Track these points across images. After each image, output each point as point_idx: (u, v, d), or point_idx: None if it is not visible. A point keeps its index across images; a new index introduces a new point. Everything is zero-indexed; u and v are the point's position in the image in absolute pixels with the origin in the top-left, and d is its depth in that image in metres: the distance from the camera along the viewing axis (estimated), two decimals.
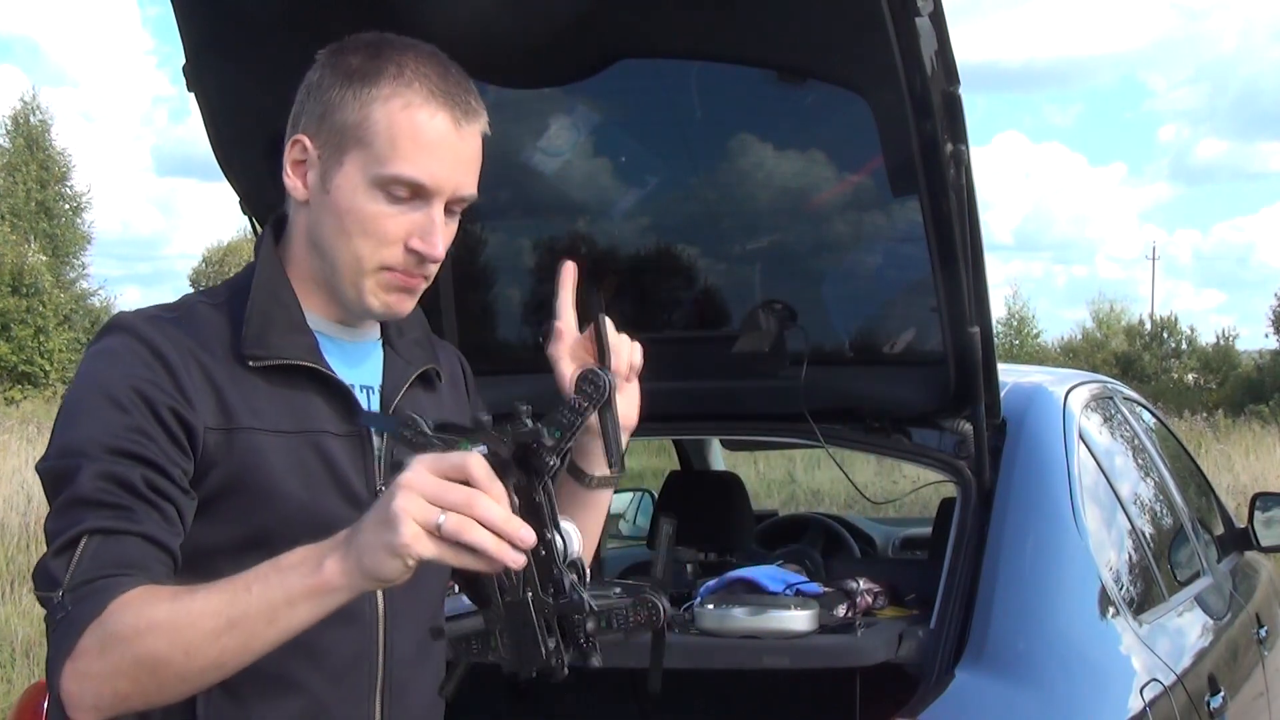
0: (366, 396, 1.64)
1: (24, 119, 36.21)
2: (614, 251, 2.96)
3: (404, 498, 1.22)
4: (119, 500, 1.42)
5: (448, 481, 1.22)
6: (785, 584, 2.62)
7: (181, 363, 1.50)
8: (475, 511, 1.21)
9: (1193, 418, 22.48)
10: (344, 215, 1.54)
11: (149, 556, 1.42)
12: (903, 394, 2.70)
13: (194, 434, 1.48)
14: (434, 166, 1.52)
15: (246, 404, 1.53)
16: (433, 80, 1.53)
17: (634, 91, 2.59)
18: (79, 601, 1.37)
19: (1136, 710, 2.31)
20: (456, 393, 1.81)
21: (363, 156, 1.53)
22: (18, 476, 11.52)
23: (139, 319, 1.55)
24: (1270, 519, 3.98)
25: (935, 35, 2.07)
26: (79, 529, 1.41)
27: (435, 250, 1.54)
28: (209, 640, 1.32)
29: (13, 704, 2.45)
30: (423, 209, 1.53)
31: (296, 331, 1.58)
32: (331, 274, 1.58)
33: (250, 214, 2.81)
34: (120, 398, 1.47)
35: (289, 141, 1.61)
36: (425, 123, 1.51)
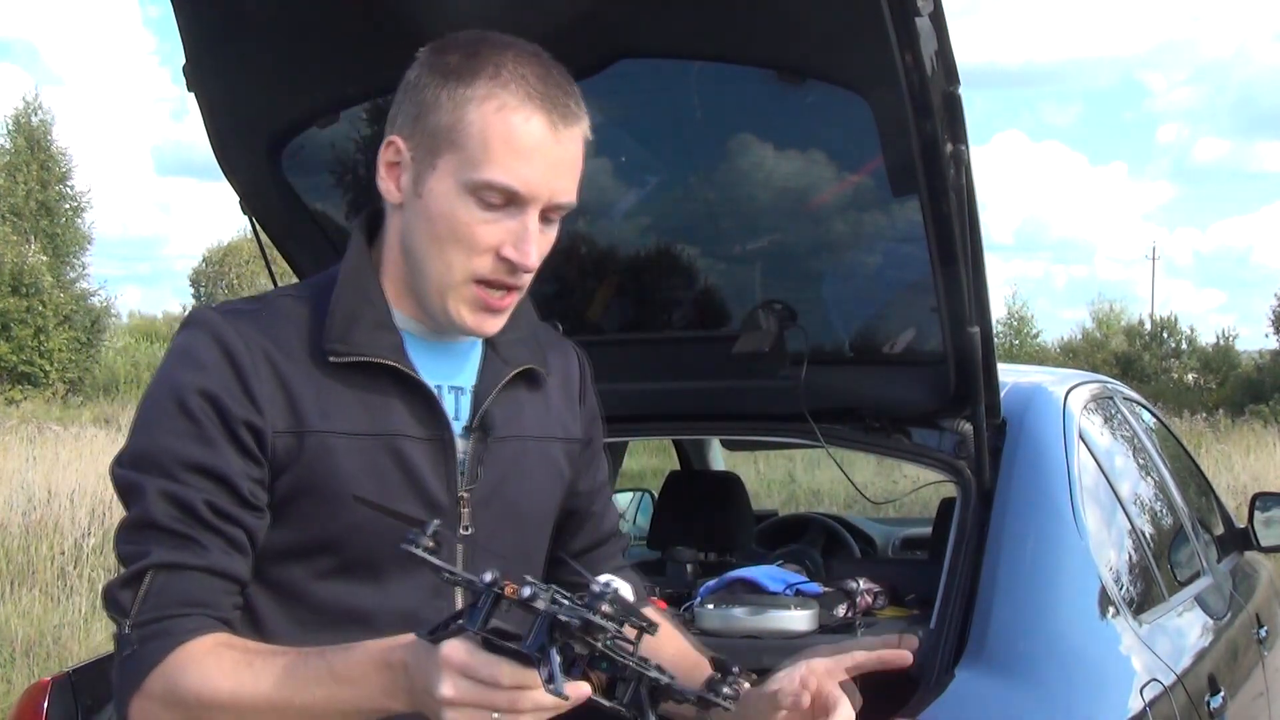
0: (455, 397, 1.58)
1: (25, 119, 36.20)
2: (614, 251, 2.96)
3: (458, 714, 1.22)
4: (185, 530, 1.43)
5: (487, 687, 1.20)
6: (785, 584, 2.63)
7: (251, 363, 1.47)
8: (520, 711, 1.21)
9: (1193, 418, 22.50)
10: (436, 221, 1.49)
11: (213, 590, 1.44)
12: (903, 394, 2.70)
13: (263, 439, 1.46)
14: (528, 172, 1.46)
15: (319, 405, 1.49)
16: (530, 81, 1.48)
17: (634, 91, 2.58)
18: (145, 640, 1.41)
19: (1136, 710, 2.31)
20: (568, 394, 1.74)
21: (456, 160, 1.47)
22: (18, 476, 11.50)
23: (215, 313, 1.52)
24: (1270, 519, 3.98)
25: (935, 35, 2.06)
26: (146, 562, 1.43)
27: (528, 260, 1.48)
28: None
29: (13, 704, 2.44)
30: (517, 216, 1.47)
31: (381, 329, 1.54)
32: (421, 281, 1.52)
33: (250, 214, 2.81)
34: (190, 404, 1.45)
35: (384, 143, 1.55)
36: (520, 126, 1.46)
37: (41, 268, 32.17)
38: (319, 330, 1.52)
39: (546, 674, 1.16)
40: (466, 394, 1.59)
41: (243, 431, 1.45)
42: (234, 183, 2.71)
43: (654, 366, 1.86)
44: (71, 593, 8.38)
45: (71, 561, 8.99)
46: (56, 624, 7.64)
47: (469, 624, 1.21)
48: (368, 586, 1.44)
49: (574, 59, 2.45)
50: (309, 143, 2.67)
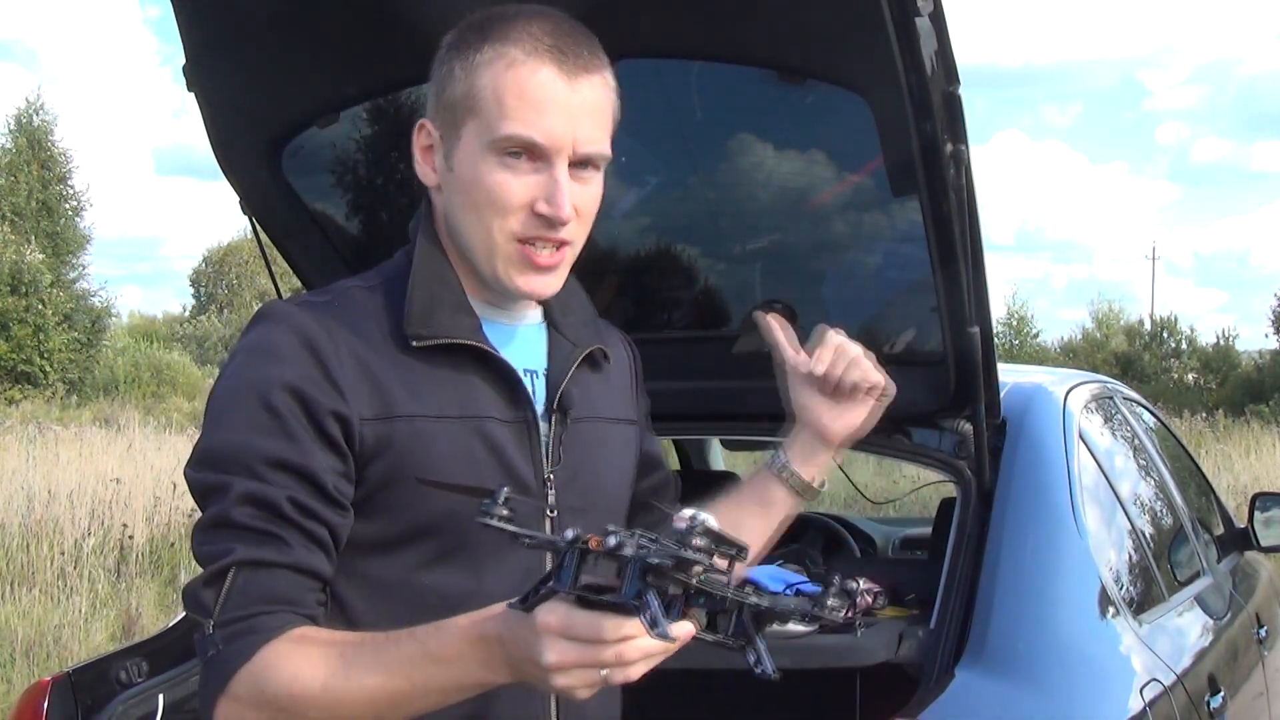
0: (531, 380, 1.58)
1: (27, 119, 36.21)
2: (614, 251, 2.96)
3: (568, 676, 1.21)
4: (267, 527, 1.40)
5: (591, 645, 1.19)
6: (785, 584, 2.62)
7: (334, 352, 1.45)
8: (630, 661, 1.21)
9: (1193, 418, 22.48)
10: (469, 189, 1.49)
11: (299, 587, 1.41)
12: (903, 394, 2.69)
13: (350, 429, 1.44)
14: (545, 122, 1.46)
15: (407, 390, 1.47)
16: (538, 36, 1.48)
17: (634, 91, 2.58)
18: (230, 640, 1.37)
19: (1136, 710, 2.31)
20: (622, 378, 1.75)
21: (476, 125, 1.48)
22: (18, 476, 11.50)
23: (289, 306, 1.51)
24: (1270, 519, 3.98)
25: (935, 35, 2.06)
26: (229, 560, 1.39)
27: (562, 211, 1.47)
28: (378, 716, 1.33)
29: (13, 704, 2.44)
30: (545, 170, 1.47)
31: (461, 312, 1.53)
32: (470, 253, 1.52)
33: (250, 214, 2.81)
34: (272, 399, 1.42)
35: (415, 128, 1.56)
36: (529, 78, 1.46)
37: (41, 267, 32.16)
38: (397, 317, 1.51)
39: (649, 619, 1.14)
40: (540, 376, 1.60)
41: (329, 423, 1.43)
42: (234, 183, 2.71)
43: (654, 366, 1.85)
44: (71, 593, 8.39)
45: (71, 561, 8.99)
46: (56, 624, 7.64)
47: (559, 585, 1.19)
48: (465, 573, 1.42)
49: None
50: (309, 143, 2.67)
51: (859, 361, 1.70)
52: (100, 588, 8.58)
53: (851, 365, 1.70)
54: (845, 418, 1.72)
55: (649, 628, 1.14)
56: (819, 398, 1.72)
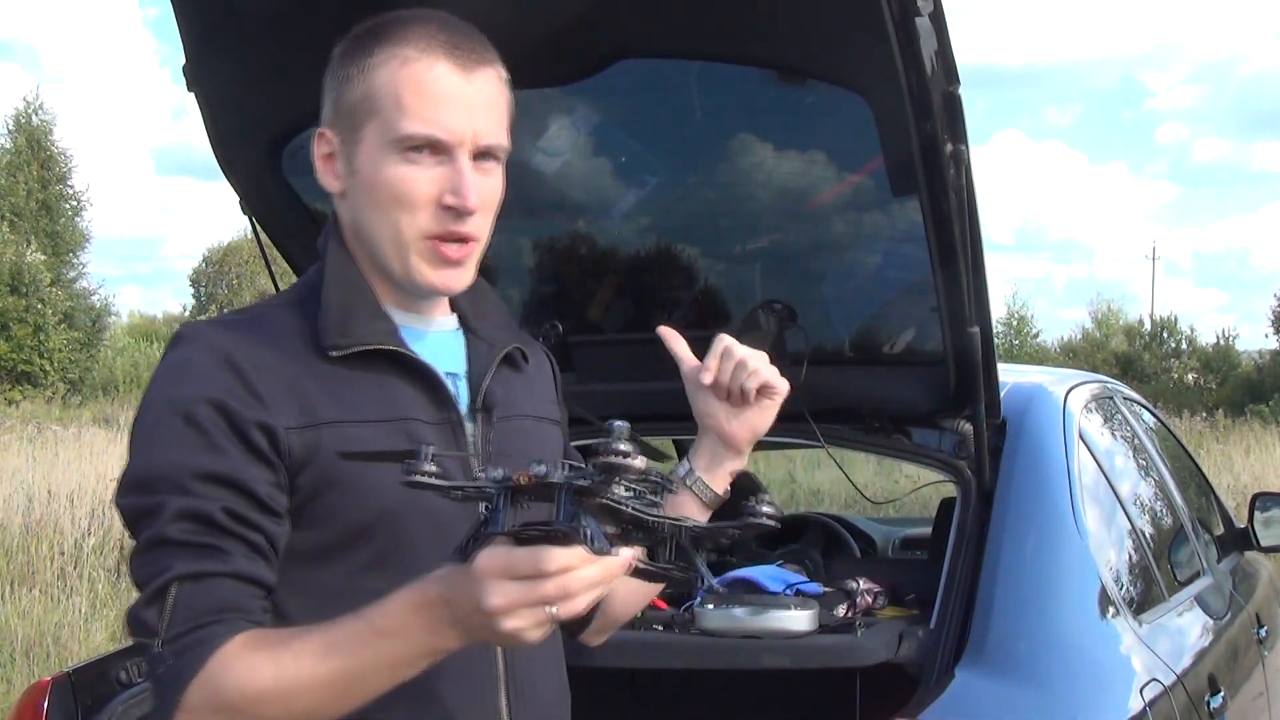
0: (453, 383, 1.59)
1: (26, 119, 36.22)
2: (614, 251, 2.96)
3: (516, 618, 1.21)
4: (204, 540, 1.39)
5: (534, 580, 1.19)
6: (785, 584, 2.62)
7: (253, 366, 1.45)
8: (574, 593, 1.20)
9: (1193, 418, 22.50)
10: (373, 189, 1.50)
11: (242, 595, 1.40)
12: (903, 394, 2.70)
13: (277, 439, 1.43)
14: (444, 117, 1.48)
15: (329, 397, 1.48)
16: (430, 32, 1.50)
17: (634, 91, 2.58)
18: (180, 654, 1.36)
19: (1136, 710, 2.31)
20: (544, 382, 1.76)
21: (376, 126, 1.49)
22: (18, 476, 11.50)
23: (205, 326, 1.52)
24: (1270, 519, 3.97)
25: (935, 35, 2.07)
26: (168, 576, 1.38)
27: (468, 201, 1.48)
28: (325, 704, 1.33)
29: (13, 704, 2.44)
30: (447, 163, 1.49)
31: (377, 318, 1.54)
32: (380, 255, 1.53)
33: (250, 214, 2.81)
34: (196, 415, 1.42)
35: (314, 139, 1.57)
36: (425, 74, 1.48)
37: (41, 267, 32.17)
38: (314, 329, 1.52)
39: (588, 538, 1.14)
40: (462, 379, 1.60)
41: (255, 434, 1.43)
42: (234, 183, 2.71)
43: (654, 366, 1.85)
44: (71, 593, 8.38)
45: (71, 561, 8.98)
46: (56, 624, 7.64)
47: (494, 528, 1.19)
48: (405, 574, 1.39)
49: (574, 59, 2.48)
50: (309, 143, 2.65)
51: (745, 365, 1.68)
52: (100, 588, 8.57)
53: (738, 369, 1.68)
54: (744, 422, 1.71)
55: (589, 546, 1.14)
56: (717, 404, 1.71)
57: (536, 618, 1.22)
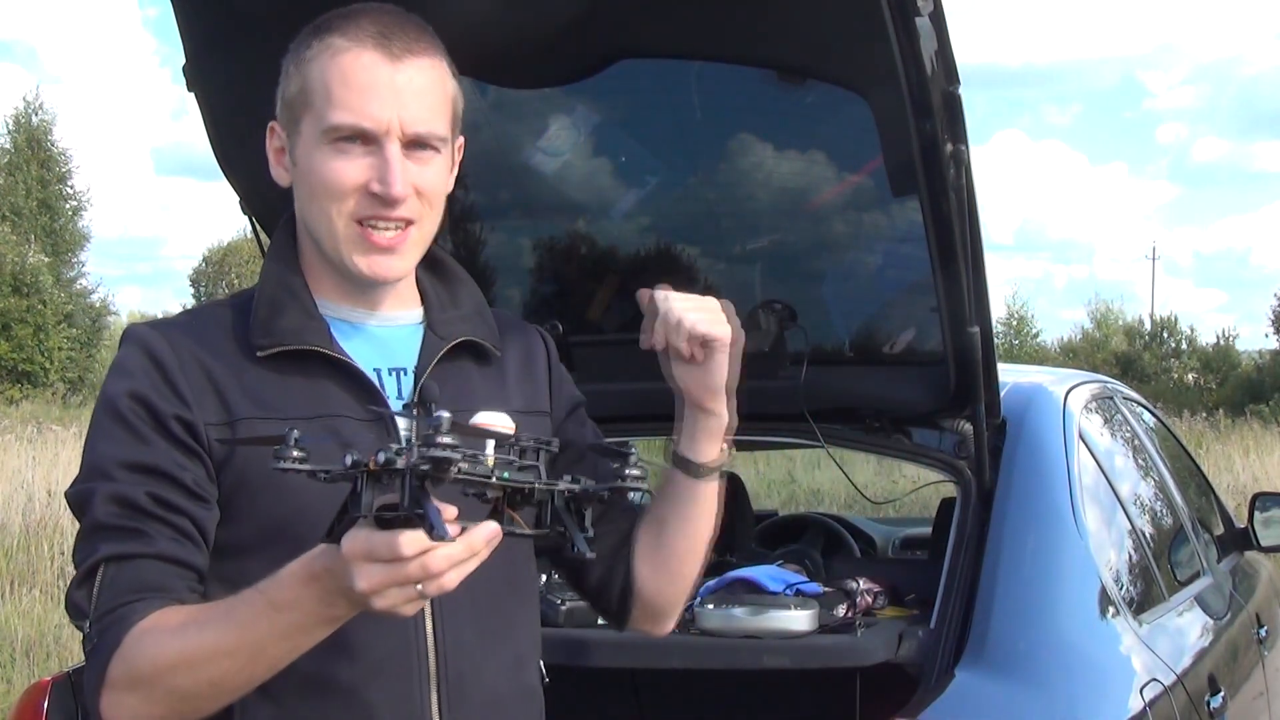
0: (397, 379, 1.59)
1: (26, 119, 36.22)
2: (614, 251, 2.96)
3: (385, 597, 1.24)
4: (129, 523, 1.45)
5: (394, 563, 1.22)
6: (785, 584, 2.62)
7: (178, 364, 1.50)
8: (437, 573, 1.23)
9: (1193, 418, 22.49)
10: (308, 178, 1.54)
11: (166, 574, 1.45)
12: (903, 394, 2.70)
13: (197, 433, 1.48)
14: (369, 106, 1.49)
15: (250, 396, 1.51)
16: (363, 25, 1.52)
17: (634, 91, 2.58)
18: (103, 632, 1.42)
19: (1136, 710, 2.31)
20: (530, 371, 1.73)
21: (310, 118, 1.53)
22: (18, 476, 11.50)
23: (143, 327, 1.57)
24: (1270, 519, 3.97)
25: (935, 35, 2.07)
26: (95, 558, 1.45)
27: (393, 189, 1.50)
28: (231, 673, 1.37)
29: (13, 704, 2.44)
30: (376, 153, 1.51)
31: (305, 317, 1.56)
32: (320, 244, 1.56)
33: (250, 214, 2.81)
34: (120, 408, 1.49)
35: (267, 133, 1.61)
36: (352, 64, 1.50)
37: (41, 267, 32.17)
38: (246, 328, 1.55)
39: (428, 525, 1.17)
40: (408, 374, 1.61)
41: (175, 426, 1.48)
42: (234, 183, 2.71)
43: (654, 366, 1.85)
44: None
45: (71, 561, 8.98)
46: (56, 624, 7.64)
47: (355, 510, 1.22)
48: None
49: (574, 59, 2.48)
50: None
51: (676, 323, 1.60)
52: None
53: (675, 330, 1.60)
54: (698, 378, 1.64)
55: (429, 533, 1.17)
56: (675, 365, 1.65)
57: (406, 595, 1.24)
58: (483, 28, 2.25)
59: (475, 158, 2.97)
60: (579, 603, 2.50)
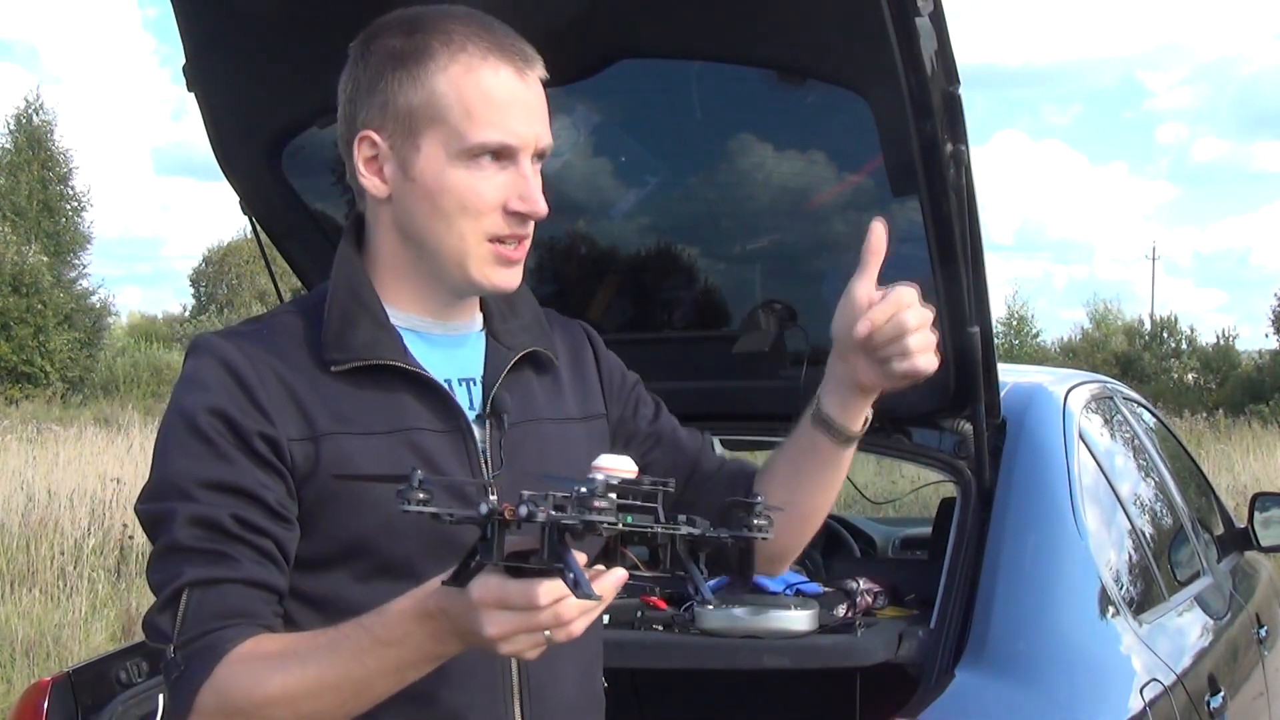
0: (467, 389, 1.58)
1: (26, 119, 36.23)
2: (614, 251, 2.96)
3: (513, 643, 1.25)
4: (214, 546, 1.42)
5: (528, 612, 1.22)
6: (785, 584, 2.62)
7: (258, 378, 1.47)
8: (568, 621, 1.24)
9: (1193, 418, 22.49)
10: (437, 197, 1.49)
11: (253, 600, 1.43)
12: (903, 394, 2.69)
13: (280, 450, 1.46)
14: (513, 123, 1.48)
15: (330, 410, 1.49)
16: (484, 36, 1.49)
17: (634, 91, 2.58)
18: (190, 660, 1.39)
19: (1136, 710, 2.31)
20: (580, 372, 1.73)
21: (441, 133, 1.48)
22: (18, 476, 11.50)
23: (214, 338, 1.53)
24: (1270, 519, 3.97)
25: (935, 35, 2.07)
26: (179, 582, 1.42)
27: (535, 206, 1.50)
28: (333, 708, 1.36)
29: (13, 704, 2.44)
30: (511, 168, 1.49)
31: (379, 330, 1.54)
32: (434, 261, 1.53)
33: (250, 214, 2.81)
34: (200, 425, 1.45)
35: (355, 141, 1.55)
36: (491, 80, 1.48)
37: (42, 267, 32.18)
38: (319, 340, 1.52)
39: (571, 580, 1.17)
40: (477, 384, 1.59)
41: (258, 443, 1.45)
42: (234, 183, 2.71)
43: (654, 366, 1.85)
44: (71, 593, 8.38)
45: (71, 561, 8.98)
46: (56, 624, 7.64)
47: (485, 557, 1.21)
48: (406, 584, 1.40)
49: (574, 59, 2.47)
50: (309, 143, 2.67)
51: (905, 346, 1.62)
52: (100, 588, 8.57)
53: (894, 345, 1.62)
54: (881, 377, 1.66)
55: (572, 588, 1.17)
56: (858, 348, 1.65)
57: (534, 641, 1.25)
58: None
59: None
60: None
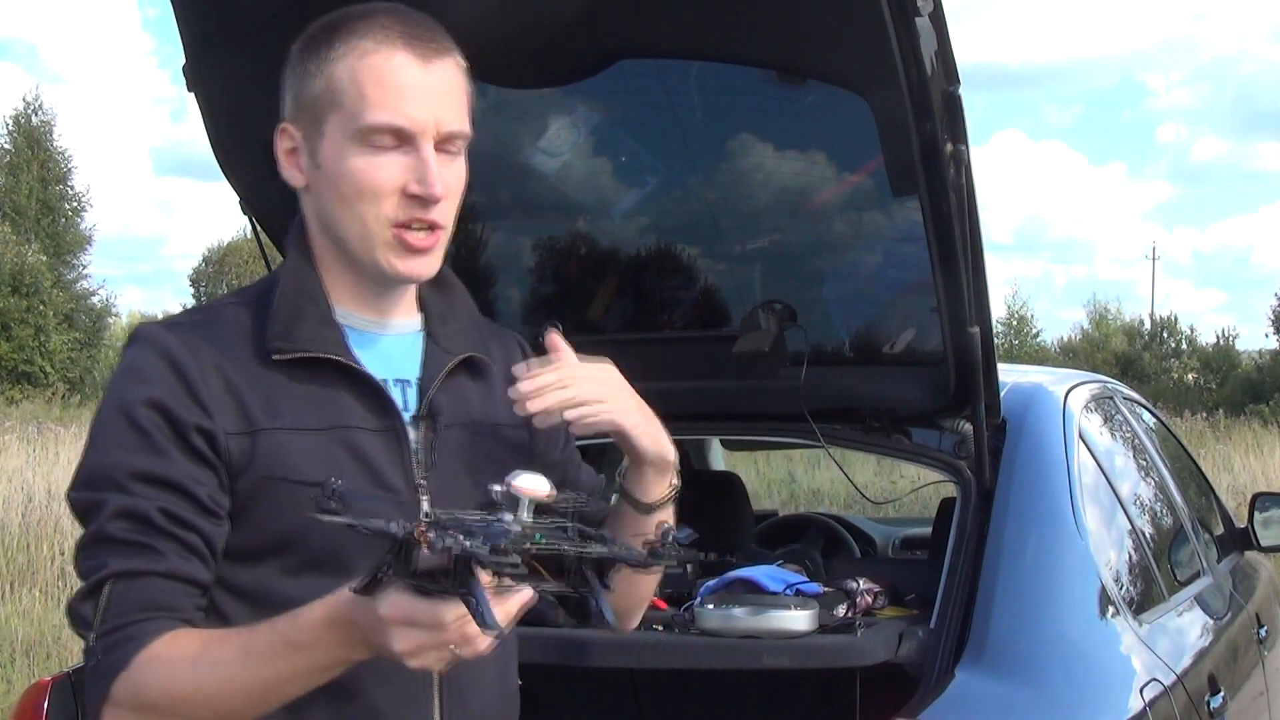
0: (402, 390, 1.59)
1: (26, 119, 36.24)
2: (614, 251, 2.96)
3: (421, 658, 1.27)
4: (139, 538, 1.43)
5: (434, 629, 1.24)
6: (785, 584, 2.62)
7: (198, 370, 1.48)
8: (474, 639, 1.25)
9: (1193, 418, 22.48)
10: (339, 182, 1.52)
11: (174, 593, 1.44)
12: (903, 394, 2.70)
13: (216, 442, 1.47)
14: (406, 106, 1.49)
15: (268, 404, 1.50)
16: (387, 25, 1.52)
17: (634, 91, 2.59)
18: (109, 650, 1.41)
19: (1136, 710, 2.31)
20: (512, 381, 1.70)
21: (339, 118, 1.51)
22: (18, 476, 11.50)
23: (158, 327, 1.55)
24: (1270, 519, 3.97)
25: (935, 35, 2.07)
26: (103, 573, 1.44)
27: (434, 190, 1.50)
28: (243, 707, 1.38)
29: (13, 704, 2.44)
30: (411, 153, 1.50)
31: (323, 324, 1.55)
32: (347, 247, 1.55)
33: (250, 214, 2.81)
34: (137, 417, 1.46)
35: (277, 134, 1.60)
36: (384, 64, 1.50)
37: (41, 267, 32.19)
38: (263, 332, 1.54)
39: (475, 608, 1.19)
40: (413, 385, 1.61)
41: (194, 437, 1.47)
42: (234, 183, 2.71)
43: (654, 366, 1.85)
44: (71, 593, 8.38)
45: (71, 561, 8.98)
46: (56, 624, 7.64)
47: (395, 573, 1.23)
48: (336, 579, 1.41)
49: (574, 59, 2.48)
50: None
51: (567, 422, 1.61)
52: None
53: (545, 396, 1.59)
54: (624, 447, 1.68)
55: (475, 617, 1.19)
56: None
57: (441, 656, 1.28)
58: (483, 28, 2.25)
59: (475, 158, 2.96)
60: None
